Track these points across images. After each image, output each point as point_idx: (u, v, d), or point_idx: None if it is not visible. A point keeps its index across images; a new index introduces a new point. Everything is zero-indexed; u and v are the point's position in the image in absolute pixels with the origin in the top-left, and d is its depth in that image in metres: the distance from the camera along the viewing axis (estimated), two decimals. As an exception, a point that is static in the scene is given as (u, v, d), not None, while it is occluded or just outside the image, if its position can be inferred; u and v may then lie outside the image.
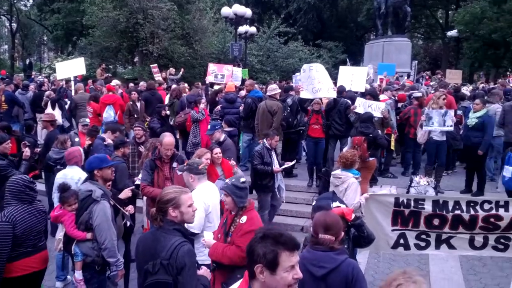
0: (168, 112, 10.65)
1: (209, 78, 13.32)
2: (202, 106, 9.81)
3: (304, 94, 9.76)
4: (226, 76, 13.10)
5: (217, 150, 6.53)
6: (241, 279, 2.34)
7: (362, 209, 5.56)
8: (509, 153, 7.30)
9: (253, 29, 23.26)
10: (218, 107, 10.71)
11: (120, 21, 21.15)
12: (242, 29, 21.98)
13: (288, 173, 10.02)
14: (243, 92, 11.51)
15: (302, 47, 29.44)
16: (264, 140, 7.57)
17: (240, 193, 3.97)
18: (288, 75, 24.30)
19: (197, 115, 9.59)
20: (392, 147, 10.22)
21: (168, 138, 5.79)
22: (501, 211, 4.94)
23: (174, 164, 5.79)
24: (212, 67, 13.42)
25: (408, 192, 8.06)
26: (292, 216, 8.71)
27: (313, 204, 4.11)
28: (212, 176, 6.02)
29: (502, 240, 5.04)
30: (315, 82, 9.36)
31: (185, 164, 5.04)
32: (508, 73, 24.97)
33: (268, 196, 7.61)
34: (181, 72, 17.68)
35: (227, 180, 4.21)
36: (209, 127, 7.85)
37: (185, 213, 3.23)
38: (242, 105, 10.27)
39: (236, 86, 11.97)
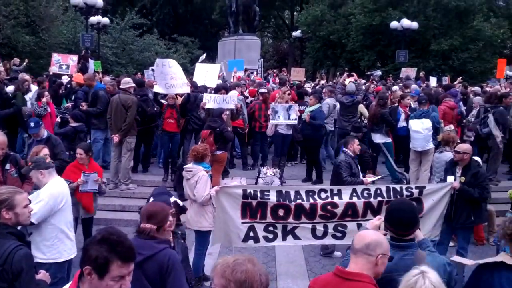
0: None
1: (54, 69, 12.45)
2: (44, 100, 9.11)
3: (157, 89, 9.71)
4: (71, 66, 12.43)
5: (79, 151, 6.26)
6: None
7: (213, 201, 5.81)
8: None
9: (106, 20, 22.39)
10: (69, 104, 10.03)
11: (-47, 5, 18.57)
12: (94, 19, 21.01)
13: (144, 168, 9.96)
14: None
15: (158, 41, 29.06)
16: (346, 149, 6.75)
17: None
18: (145, 68, 23.80)
19: (38, 109, 8.88)
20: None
21: None
22: (336, 199, 5.56)
23: (7, 166, 5.26)
24: (56, 57, 12.59)
25: (256, 183, 8.58)
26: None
27: (151, 200, 4.12)
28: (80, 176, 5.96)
29: (339, 228, 5.66)
30: (168, 78, 9.35)
31: (29, 164, 4.74)
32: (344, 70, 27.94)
33: None
34: (24, 63, 16.14)
35: None
36: (31, 124, 7.02)
37: (20, 214, 3.06)
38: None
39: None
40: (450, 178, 6.06)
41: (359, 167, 6.74)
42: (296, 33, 33.49)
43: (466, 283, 3.44)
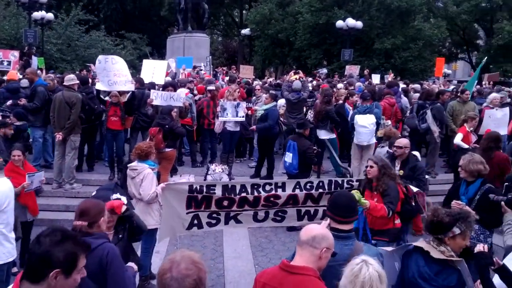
0: None
1: (-6, 65, 11.94)
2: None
3: (99, 86, 9.42)
4: (12, 62, 11.98)
5: (16, 152, 6.08)
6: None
7: (159, 199, 5.80)
8: (289, 141, 8.12)
9: (50, 16, 21.71)
10: (10, 102, 9.62)
11: None
12: (38, 14, 20.38)
13: (89, 166, 9.78)
14: (25, 81, 10.49)
15: (105, 37, 28.30)
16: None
17: None
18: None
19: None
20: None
21: None
22: (279, 191, 5.70)
23: None
24: (-4, 53, 12.08)
25: (205, 179, 8.60)
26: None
27: (93, 194, 4.10)
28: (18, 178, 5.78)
29: (279, 213, 5.84)
30: (111, 75, 9.04)
31: None
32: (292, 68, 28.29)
33: None
34: None
35: None
36: None
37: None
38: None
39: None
40: (390, 172, 6.35)
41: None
42: (245, 31, 33.67)
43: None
